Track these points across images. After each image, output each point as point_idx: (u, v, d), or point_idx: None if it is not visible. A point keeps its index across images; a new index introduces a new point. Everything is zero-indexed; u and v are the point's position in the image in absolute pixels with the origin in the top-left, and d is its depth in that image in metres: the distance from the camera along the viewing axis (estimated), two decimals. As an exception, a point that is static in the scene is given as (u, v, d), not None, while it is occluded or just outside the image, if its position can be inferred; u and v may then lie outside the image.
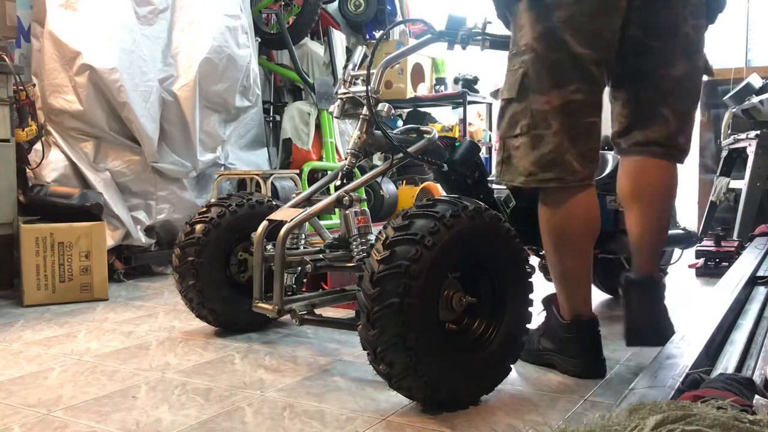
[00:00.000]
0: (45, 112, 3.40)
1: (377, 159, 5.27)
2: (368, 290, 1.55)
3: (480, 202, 1.70)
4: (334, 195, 2.01)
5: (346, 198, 1.99)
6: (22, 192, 3.15)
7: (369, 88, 2.01)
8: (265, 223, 2.09)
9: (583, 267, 1.87)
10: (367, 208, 2.08)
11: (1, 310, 2.85)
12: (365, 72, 2.01)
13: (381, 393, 1.74)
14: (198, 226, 2.32)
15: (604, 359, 1.91)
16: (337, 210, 2.08)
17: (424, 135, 2.15)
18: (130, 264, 3.56)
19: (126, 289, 3.29)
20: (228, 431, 1.53)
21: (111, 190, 3.47)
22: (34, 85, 3.37)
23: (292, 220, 1.99)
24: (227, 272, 2.36)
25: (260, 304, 2.05)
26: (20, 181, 3.17)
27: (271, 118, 4.97)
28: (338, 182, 2.11)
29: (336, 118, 2.19)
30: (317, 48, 5.18)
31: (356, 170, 2.21)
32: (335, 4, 5.71)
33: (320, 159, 4.77)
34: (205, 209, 2.38)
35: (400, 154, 2.10)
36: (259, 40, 4.62)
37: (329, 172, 4.74)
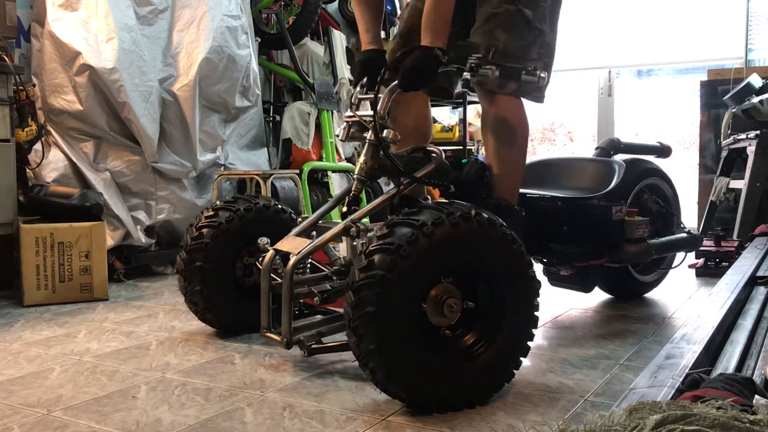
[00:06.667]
0: (45, 112, 3.40)
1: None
2: (349, 299, 1.58)
3: (470, 206, 1.68)
4: (341, 224, 1.97)
5: (353, 228, 1.94)
6: (22, 192, 3.15)
7: (376, 112, 1.99)
8: (272, 252, 2.06)
9: None
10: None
11: (1, 310, 2.85)
12: (372, 96, 2.00)
13: (381, 393, 1.74)
14: (206, 230, 2.28)
15: None
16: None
17: (431, 155, 2.09)
18: (130, 264, 3.56)
19: (126, 289, 3.29)
20: (228, 431, 1.53)
21: (111, 190, 3.47)
22: (34, 85, 3.37)
23: (299, 253, 1.94)
24: (232, 276, 2.35)
25: (268, 334, 2.02)
26: (20, 181, 3.17)
27: (271, 118, 4.97)
28: (345, 209, 2.06)
29: (342, 141, 2.17)
30: (317, 48, 5.18)
31: (363, 195, 2.18)
32: (335, 4, 5.71)
33: (320, 159, 4.77)
34: (212, 213, 2.32)
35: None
36: (259, 40, 4.62)
37: (329, 172, 4.77)
